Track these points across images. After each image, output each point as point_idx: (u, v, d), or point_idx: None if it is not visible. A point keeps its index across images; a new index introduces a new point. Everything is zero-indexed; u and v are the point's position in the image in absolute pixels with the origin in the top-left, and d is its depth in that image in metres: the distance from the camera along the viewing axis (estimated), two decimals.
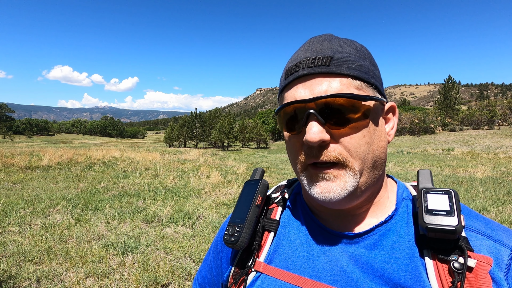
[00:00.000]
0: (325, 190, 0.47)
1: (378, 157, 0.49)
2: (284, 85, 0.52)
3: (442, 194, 0.47)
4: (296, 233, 0.57)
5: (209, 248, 0.73)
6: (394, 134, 0.54)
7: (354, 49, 0.50)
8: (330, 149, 0.46)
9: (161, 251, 3.84)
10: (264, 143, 44.15)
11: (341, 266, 0.50)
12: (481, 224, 0.50)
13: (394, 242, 0.49)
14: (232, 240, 0.55)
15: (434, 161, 15.92)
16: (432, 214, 0.45)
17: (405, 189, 0.57)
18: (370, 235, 0.51)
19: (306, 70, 0.48)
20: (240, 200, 0.62)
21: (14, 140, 70.41)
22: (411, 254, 0.47)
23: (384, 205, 0.54)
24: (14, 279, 3.01)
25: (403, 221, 0.52)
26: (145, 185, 7.99)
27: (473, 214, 0.52)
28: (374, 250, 0.49)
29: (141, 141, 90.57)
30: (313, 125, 0.45)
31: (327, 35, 0.53)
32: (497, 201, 6.27)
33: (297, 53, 0.52)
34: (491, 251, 0.46)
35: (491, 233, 0.48)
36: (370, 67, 0.50)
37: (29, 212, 5.22)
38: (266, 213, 0.61)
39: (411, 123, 41.56)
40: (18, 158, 11.57)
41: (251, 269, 0.55)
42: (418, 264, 0.46)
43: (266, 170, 12.53)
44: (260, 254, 0.57)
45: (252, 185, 0.63)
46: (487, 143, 24.92)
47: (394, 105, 0.54)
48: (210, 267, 0.70)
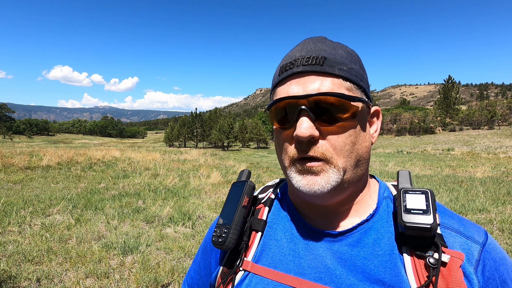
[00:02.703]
0: (311, 182, 0.48)
1: (361, 156, 0.52)
2: (277, 81, 0.53)
3: (420, 194, 0.50)
4: (283, 232, 0.58)
5: (198, 249, 0.74)
6: (377, 137, 0.57)
7: (346, 52, 0.52)
8: (318, 145, 0.48)
9: (161, 251, 3.85)
10: (264, 143, 44.14)
11: (325, 263, 0.52)
12: (455, 222, 0.53)
13: (375, 240, 0.52)
14: (219, 241, 0.56)
15: (434, 161, 15.92)
16: (410, 213, 0.48)
17: (386, 189, 0.60)
18: (352, 233, 0.53)
19: (300, 68, 0.49)
20: (227, 201, 0.63)
21: (14, 140, 70.38)
22: (390, 251, 0.50)
23: (367, 204, 0.56)
24: (14, 279, 3.01)
25: (384, 220, 0.54)
26: (145, 185, 7.99)
27: (448, 212, 0.55)
28: (356, 248, 0.52)
29: (141, 141, 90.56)
30: (304, 121, 0.47)
31: (321, 37, 0.55)
32: (497, 201, 6.27)
33: (292, 51, 0.54)
34: (463, 247, 0.49)
35: (464, 230, 0.51)
36: (360, 71, 0.52)
37: (29, 212, 5.22)
38: (253, 214, 0.63)
39: (411, 123, 41.56)
40: (18, 158, 11.57)
41: (239, 268, 0.56)
42: (397, 260, 0.49)
43: (266, 170, 12.54)
44: (248, 253, 0.58)
45: (239, 186, 0.64)
46: (487, 143, 24.93)
47: (378, 109, 0.57)
48: (199, 267, 0.71)
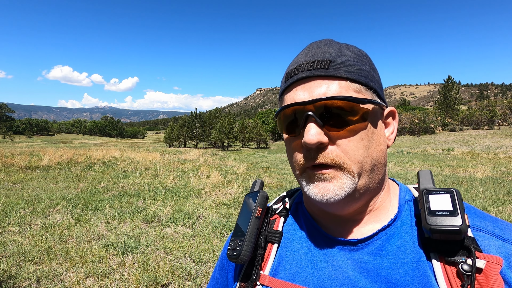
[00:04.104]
0: (323, 190, 0.46)
1: (377, 160, 0.49)
2: (284, 88, 0.52)
3: (444, 194, 0.46)
4: (300, 243, 0.55)
5: (215, 265, 0.72)
6: (394, 139, 0.53)
7: (354, 53, 0.50)
8: (328, 151, 0.46)
9: (161, 251, 3.84)
10: (264, 143, 44.14)
11: (346, 274, 0.49)
12: (488, 223, 0.48)
13: (399, 247, 0.48)
14: (234, 254, 0.54)
15: (434, 161, 15.92)
16: (435, 215, 0.44)
17: (407, 192, 0.56)
18: (373, 241, 0.50)
19: (305, 73, 0.48)
20: (241, 214, 0.61)
21: (14, 140, 70.39)
22: (417, 258, 0.46)
23: (387, 209, 0.53)
24: (14, 279, 3.01)
25: (407, 224, 0.50)
26: (145, 185, 7.99)
27: (479, 213, 0.50)
28: (379, 256, 0.48)
29: (141, 141, 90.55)
30: (311, 127, 0.45)
31: (327, 40, 0.53)
32: (497, 201, 6.27)
33: (297, 57, 0.53)
34: (500, 251, 0.44)
35: (499, 232, 0.47)
36: (369, 71, 0.50)
37: (29, 212, 5.23)
38: (268, 225, 0.60)
39: (411, 123, 41.55)
40: (18, 158, 11.58)
41: (256, 283, 0.53)
42: (426, 268, 0.45)
43: (266, 170, 12.54)
44: (264, 267, 0.55)
45: (252, 197, 0.62)
46: (487, 143, 24.92)
47: (394, 109, 0.53)
48: (217, 284, 0.68)
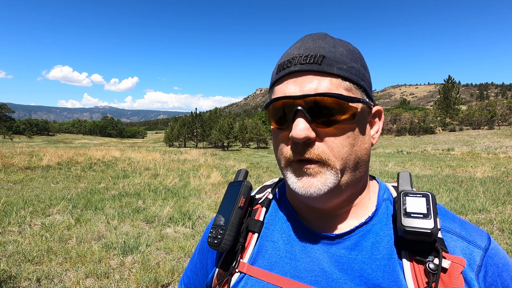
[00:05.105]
0: (307, 184, 0.47)
1: (360, 158, 0.50)
2: (275, 80, 0.52)
3: (420, 197, 0.48)
4: (279, 233, 0.57)
5: (195, 249, 0.74)
6: (378, 138, 0.55)
7: (347, 50, 0.50)
8: (315, 147, 0.47)
9: (161, 251, 3.85)
10: (264, 143, 44.13)
11: (322, 266, 0.50)
12: (456, 225, 0.51)
13: (373, 243, 0.50)
14: (215, 242, 0.55)
15: (434, 161, 15.92)
16: (410, 216, 0.46)
17: (386, 190, 0.58)
18: (350, 236, 0.52)
19: (298, 67, 0.48)
20: (224, 202, 0.62)
21: (14, 140, 70.37)
22: (389, 255, 0.48)
23: (365, 206, 0.55)
24: (14, 279, 3.01)
25: (383, 222, 0.52)
26: (145, 185, 7.98)
27: (449, 215, 0.53)
28: (354, 251, 0.50)
29: (141, 141, 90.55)
30: (300, 122, 0.46)
31: (321, 34, 0.53)
32: (497, 201, 6.26)
33: (290, 49, 0.52)
34: (464, 252, 0.48)
35: (466, 234, 0.50)
36: (361, 70, 0.50)
37: (29, 212, 5.22)
38: (250, 214, 0.61)
39: (411, 123, 41.56)
40: (18, 158, 11.57)
41: (234, 270, 0.55)
42: (396, 265, 0.47)
43: (266, 170, 12.54)
44: (244, 255, 0.57)
45: (235, 186, 0.62)
46: (487, 143, 24.93)
47: (380, 109, 0.55)
48: (196, 267, 0.70)
